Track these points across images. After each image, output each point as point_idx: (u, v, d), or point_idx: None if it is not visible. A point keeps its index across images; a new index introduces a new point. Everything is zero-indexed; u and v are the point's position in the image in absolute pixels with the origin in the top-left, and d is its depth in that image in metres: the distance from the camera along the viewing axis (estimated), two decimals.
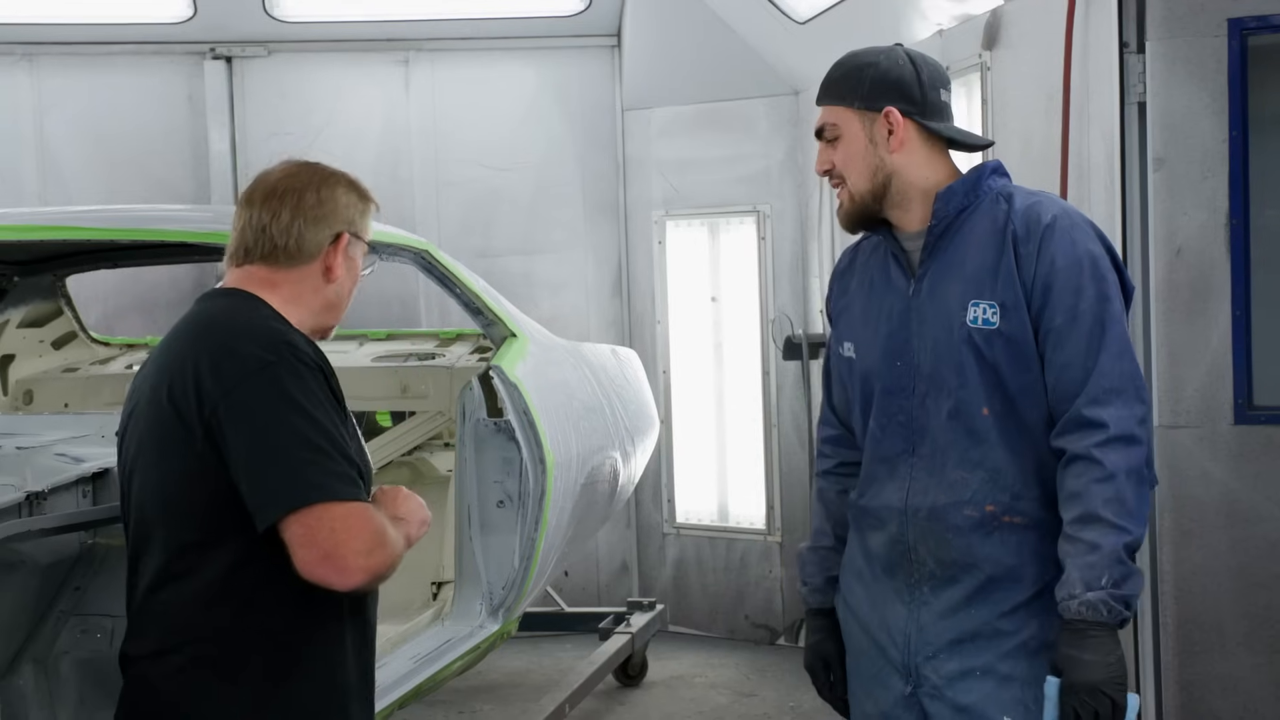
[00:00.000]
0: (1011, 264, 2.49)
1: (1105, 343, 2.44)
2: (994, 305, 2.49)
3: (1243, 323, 3.97)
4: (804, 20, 6.13)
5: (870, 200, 2.61)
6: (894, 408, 2.61)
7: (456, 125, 7.26)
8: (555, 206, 7.30)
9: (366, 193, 2.51)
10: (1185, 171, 3.99)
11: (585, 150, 7.30)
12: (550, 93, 7.30)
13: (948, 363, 2.53)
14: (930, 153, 2.61)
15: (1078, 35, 4.18)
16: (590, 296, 7.31)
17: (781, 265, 6.82)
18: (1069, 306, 2.45)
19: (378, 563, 2.19)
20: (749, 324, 6.92)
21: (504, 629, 4.66)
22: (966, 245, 2.55)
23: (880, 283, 2.67)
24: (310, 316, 2.44)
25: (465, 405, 4.59)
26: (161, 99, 7.09)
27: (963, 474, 2.53)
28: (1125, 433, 2.41)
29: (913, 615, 2.59)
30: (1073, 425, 2.44)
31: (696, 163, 7.01)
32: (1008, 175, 2.65)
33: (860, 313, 2.71)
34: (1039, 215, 2.50)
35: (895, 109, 2.57)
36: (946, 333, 2.53)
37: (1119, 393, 2.43)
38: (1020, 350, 2.48)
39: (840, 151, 2.61)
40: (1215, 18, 3.94)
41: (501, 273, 6.77)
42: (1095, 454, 2.40)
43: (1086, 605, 2.35)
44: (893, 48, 2.65)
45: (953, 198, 2.57)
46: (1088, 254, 2.48)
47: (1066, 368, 2.45)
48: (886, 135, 2.58)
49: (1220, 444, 3.99)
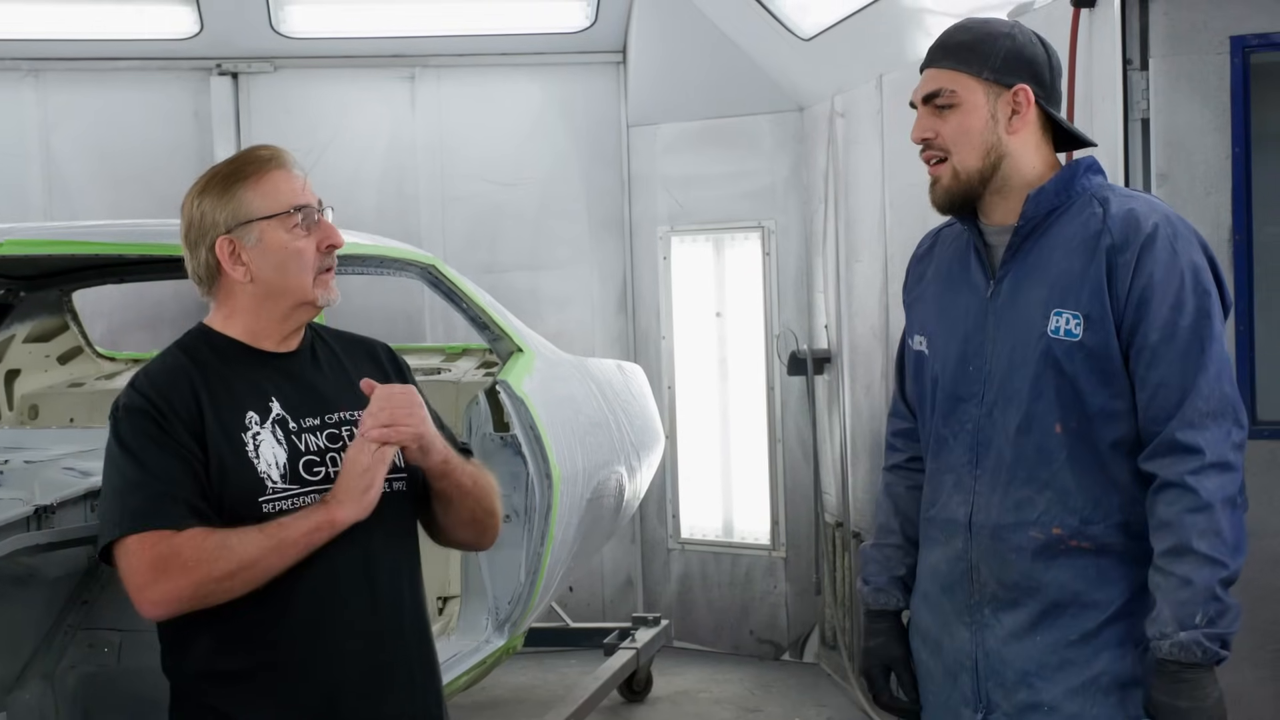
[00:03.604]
0: (1102, 274, 2.34)
1: (1204, 362, 2.30)
2: (1078, 316, 2.34)
3: (1246, 338, 3.99)
4: (809, 37, 6.16)
5: (977, 181, 2.44)
6: (962, 414, 2.48)
7: (462, 141, 7.28)
8: (560, 222, 7.33)
9: (232, 174, 2.40)
10: (1188, 187, 4.02)
11: (590, 166, 7.32)
12: (555, 109, 7.33)
13: (1022, 373, 2.39)
14: (1041, 142, 2.46)
15: (1081, 52, 4.21)
16: (595, 312, 7.33)
17: (786, 281, 6.84)
18: (1167, 322, 2.31)
19: (167, 592, 2.23)
20: (753, 339, 6.93)
21: (509, 644, 4.67)
22: (1054, 249, 2.40)
23: (959, 276, 2.53)
24: (256, 318, 2.43)
25: (472, 420, 4.61)
26: (167, 115, 7.11)
27: (1029, 493, 2.40)
28: (1221, 459, 2.29)
29: (976, 639, 2.47)
30: (1165, 449, 2.30)
31: (701, 179, 7.04)
32: (1103, 173, 2.50)
33: (935, 305, 2.57)
34: (1138, 222, 2.35)
35: (1028, 88, 2.41)
36: (1024, 341, 2.39)
37: (1216, 416, 2.30)
38: (1103, 366, 2.35)
39: (952, 122, 2.42)
40: (1218, 35, 3.97)
41: (507, 288, 6.78)
42: (1189, 481, 2.27)
43: (1179, 646, 2.24)
44: (1019, 23, 2.49)
45: (1044, 198, 2.42)
46: (1190, 265, 2.33)
47: (1161, 387, 2.31)
48: (1009, 115, 2.41)
49: None
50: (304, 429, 2.40)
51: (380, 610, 2.41)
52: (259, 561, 2.25)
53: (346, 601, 2.37)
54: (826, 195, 6.40)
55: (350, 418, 2.43)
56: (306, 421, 2.41)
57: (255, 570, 2.25)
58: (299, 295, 2.42)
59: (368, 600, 2.39)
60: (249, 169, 2.41)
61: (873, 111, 5.79)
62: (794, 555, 6.78)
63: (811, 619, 6.71)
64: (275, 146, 2.47)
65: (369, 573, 2.40)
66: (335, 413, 2.44)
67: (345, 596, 2.37)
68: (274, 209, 2.39)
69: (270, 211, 2.39)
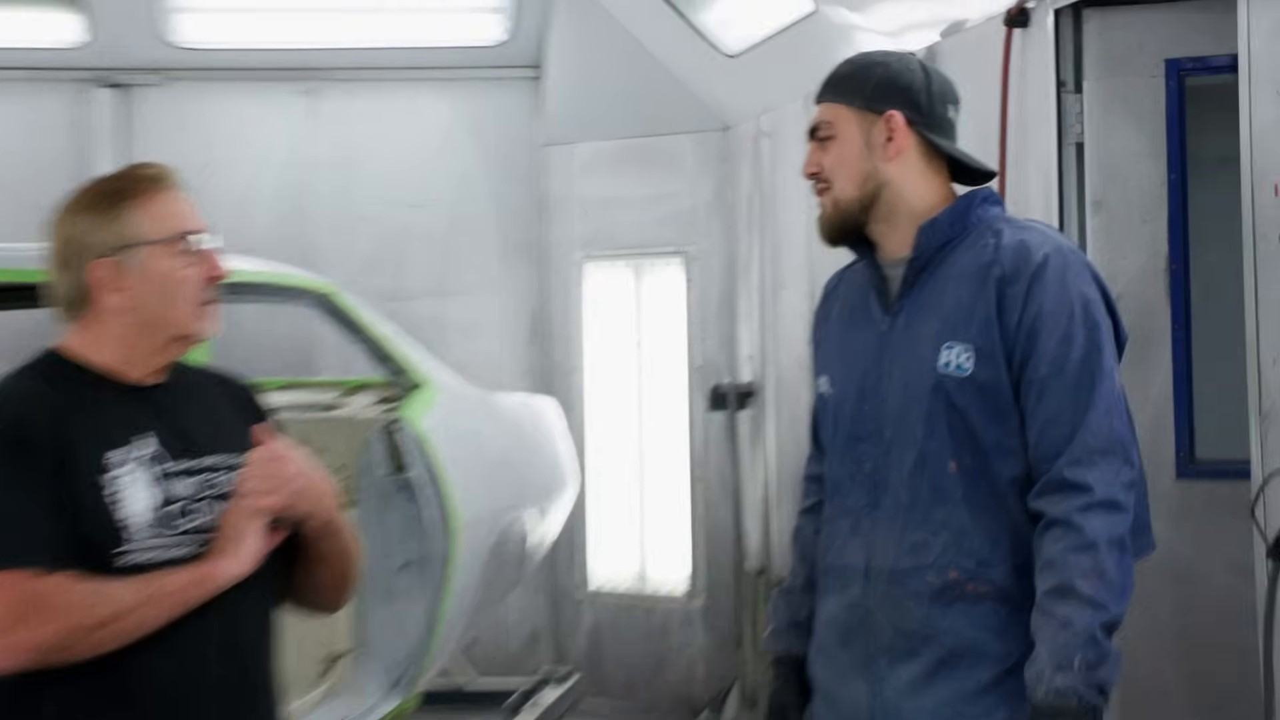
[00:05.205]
0: (992, 306, 2.40)
1: (1094, 398, 2.35)
2: (969, 349, 2.40)
3: (1184, 371, 4.03)
4: (734, 54, 6.18)
5: (856, 210, 2.52)
6: (860, 455, 2.52)
7: (366, 158, 7.22)
8: (470, 246, 7.29)
9: (117, 192, 2.32)
10: (1124, 215, 4.07)
11: (503, 187, 7.29)
12: (467, 125, 7.30)
13: (915, 410, 2.44)
14: (928, 170, 2.53)
15: (1014, 74, 4.25)
16: (505, 342, 7.28)
17: (709, 310, 6.83)
18: (1056, 355, 2.36)
19: (27, 640, 2.11)
20: (674, 372, 6.92)
21: (402, 706, 4.59)
22: (947, 281, 2.46)
23: (860, 313, 2.59)
24: (127, 348, 2.33)
25: (367, 460, 4.55)
26: (50, 127, 6.98)
27: (925, 535, 2.43)
28: (1109, 498, 2.32)
29: (874, 691, 2.48)
30: (1053, 487, 2.35)
31: (620, 201, 7.03)
32: (1001, 204, 2.57)
33: (837, 345, 2.63)
34: (1029, 252, 2.41)
35: (898, 113, 2.50)
36: (917, 376, 2.45)
37: (1105, 454, 2.34)
38: (994, 401, 2.40)
39: (832, 153, 2.54)
40: (1153, 58, 4.03)
41: (411, 316, 6.67)
42: (1075, 519, 2.30)
43: (1055, 692, 2.26)
44: (906, 53, 2.58)
45: (937, 230, 2.49)
46: (1081, 297, 2.39)
47: (1050, 423, 2.36)
48: (885, 141, 2.50)
49: (1161, 501, 4.00)
50: (173, 473, 2.31)
51: (245, 673, 2.35)
52: (133, 613, 2.16)
53: (207, 664, 2.29)
54: (751, 219, 6.41)
55: (225, 463, 2.35)
56: (177, 464, 2.31)
57: (127, 622, 2.15)
58: (179, 327, 2.34)
59: (236, 665, 2.33)
60: (137, 188, 2.32)
61: (800, 131, 5.71)
62: (713, 605, 6.74)
63: (731, 674, 6.66)
64: (162, 165, 2.39)
65: (236, 633, 2.32)
66: (207, 456, 2.35)
67: (207, 657, 2.29)
68: (163, 234, 2.31)
69: (159, 236, 2.31)
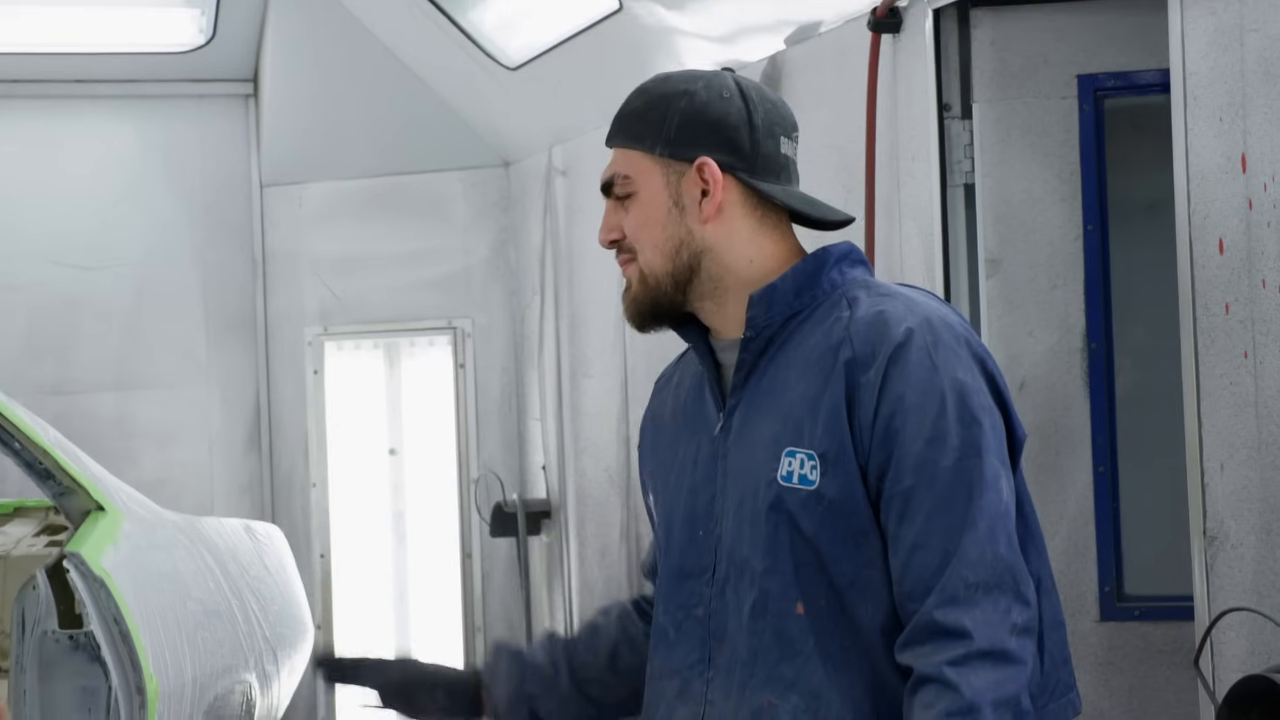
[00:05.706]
0: (840, 399, 2.37)
1: (972, 516, 2.33)
2: (813, 456, 2.38)
3: (1107, 481, 4.07)
4: (516, 65, 6.21)
5: (670, 287, 2.50)
6: (689, 596, 2.51)
7: (19, 205, 7.12)
8: (165, 321, 7.24)
9: None
10: (1028, 278, 4.11)
11: (209, 241, 7.27)
12: (157, 159, 7.26)
13: (752, 535, 2.42)
14: (759, 228, 2.50)
15: (883, 93, 4.31)
16: (215, 450, 7.23)
17: (488, 403, 6.88)
18: (922, 462, 2.34)
19: None
20: (443, 487, 6.95)
21: None
22: (790, 367, 2.44)
23: (694, 411, 2.58)
24: None
25: (26, 611, 4.49)
26: None
27: (770, 698, 2.41)
28: (994, 646, 2.30)
29: None
30: (923, 633, 2.33)
31: (368, 260, 7.04)
32: (866, 264, 2.55)
33: (666, 453, 2.62)
34: (885, 328, 2.38)
35: (712, 160, 2.47)
36: (753, 492, 2.43)
37: (989, 589, 2.32)
38: (849, 523, 2.38)
39: (634, 215, 2.52)
40: (1062, 74, 4.09)
41: (84, 417, 6.67)
42: (949, 675, 2.28)
43: None
44: (718, 73, 2.55)
45: (775, 300, 2.46)
46: (954, 384, 2.36)
47: (917, 550, 2.34)
48: (700, 197, 2.47)
49: (1083, 648, 4.08)
50: None
51: None
52: None
53: None
54: (544, 284, 6.44)
55: None
56: None
57: None
58: None
59: None
60: None
61: (603, 168, 5.84)
62: None
63: None
64: None
65: None
66: None
67: None
68: None
69: None
